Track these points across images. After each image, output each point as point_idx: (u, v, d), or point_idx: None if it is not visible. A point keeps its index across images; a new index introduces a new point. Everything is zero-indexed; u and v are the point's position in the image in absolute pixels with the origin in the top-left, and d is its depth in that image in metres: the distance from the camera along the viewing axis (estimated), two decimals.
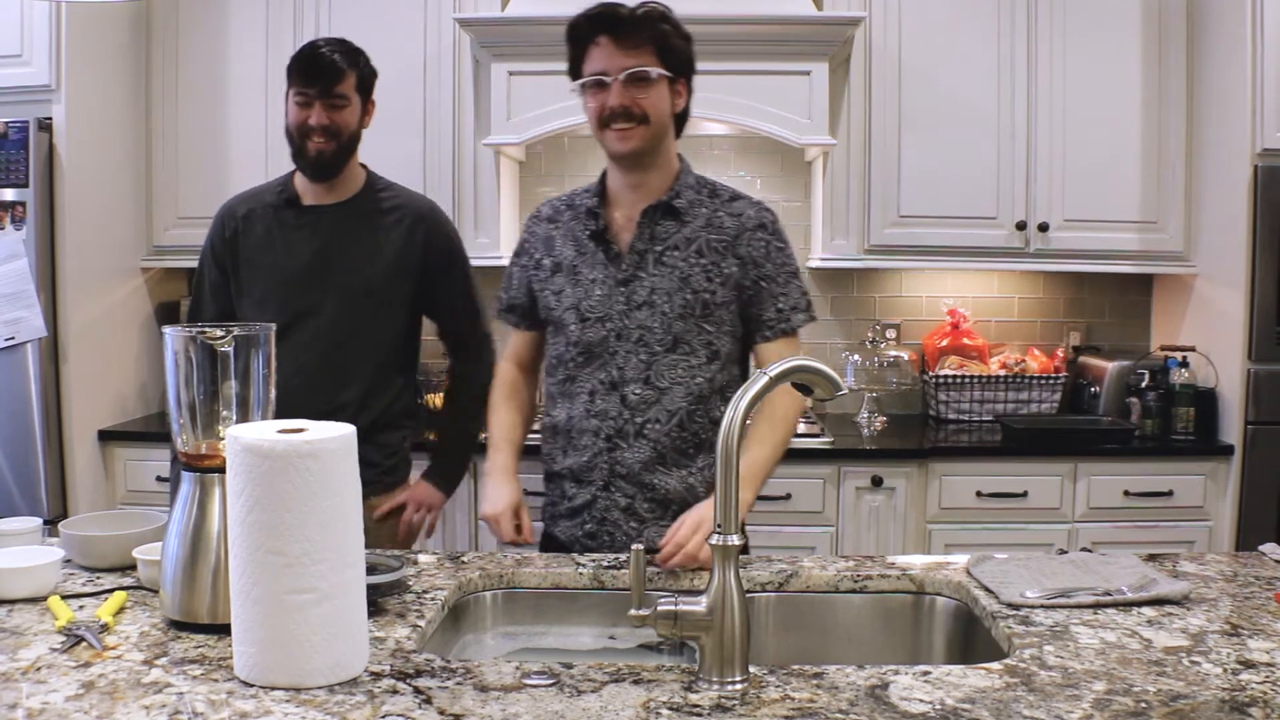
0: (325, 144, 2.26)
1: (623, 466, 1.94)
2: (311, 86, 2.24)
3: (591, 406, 1.95)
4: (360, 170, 2.41)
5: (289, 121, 2.29)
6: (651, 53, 1.89)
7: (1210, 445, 3.26)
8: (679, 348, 1.93)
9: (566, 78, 1.99)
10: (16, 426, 3.10)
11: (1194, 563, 1.81)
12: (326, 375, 2.31)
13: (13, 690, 1.23)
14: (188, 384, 1.45)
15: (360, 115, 2.33)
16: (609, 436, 1.94)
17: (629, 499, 1.95)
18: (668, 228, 1.95)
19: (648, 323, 1.92)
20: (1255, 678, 1.29)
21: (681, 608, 1.31)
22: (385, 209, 2.38)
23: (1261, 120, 3.13)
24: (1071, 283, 3.79)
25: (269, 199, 2.39)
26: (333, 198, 2.36)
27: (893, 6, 3.40)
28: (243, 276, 2.36)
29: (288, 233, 2.34)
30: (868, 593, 1.73)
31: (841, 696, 1.23)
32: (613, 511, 1.96)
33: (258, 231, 2.36)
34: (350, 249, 2.33)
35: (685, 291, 1.92)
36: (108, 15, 3.34)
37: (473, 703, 1.21)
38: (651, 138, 1.91)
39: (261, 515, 1.23)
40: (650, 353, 1.93)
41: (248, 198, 2.43)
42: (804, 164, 3.74)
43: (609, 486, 1.96)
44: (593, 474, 1.97)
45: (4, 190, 3.08)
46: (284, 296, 2.31)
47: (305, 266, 2.32)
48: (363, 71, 2.32)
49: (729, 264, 1.94)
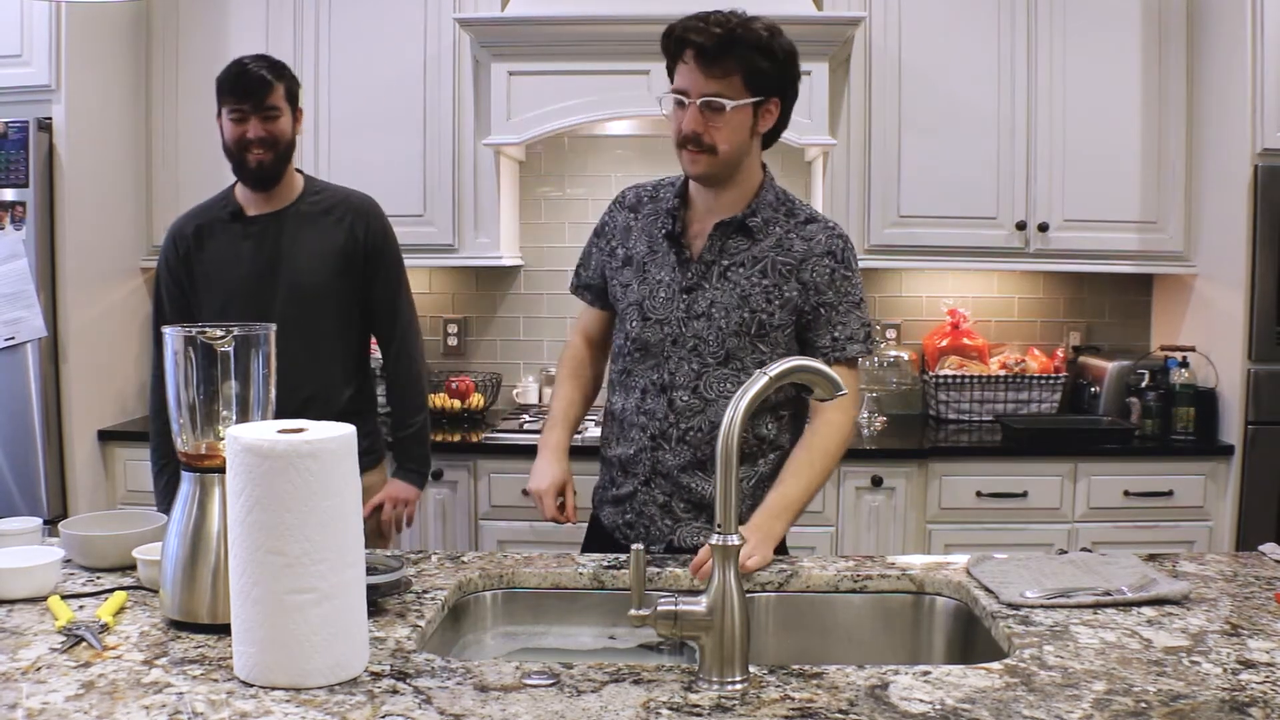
0: (264, 154, 2.38)
1: (663, 466, 1.96)
2: (245, 102, 2.36)
3: (642, 403, 1.98)
4: (297, 176, 2.52)
5: (227, 138, 2.40)
6: (738, 79, 1.82)
7: (1210, 445, 3.26)
8: (730, 362, 1.91)
9: (566, 78, 2.00)
10: (16, 426, 3.10)
11: (1194, 563, 1.81)
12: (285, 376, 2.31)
13: (13, 690, 1.23)
14: (188, 384, 1.45)
15: (292, 123, 2.44)
16: (653, 435, 1.96)
17: (667, 497, 1.97)
18: (739, 244, 1.93)
19: (703, 334, 1.92)
20: (1255, 678, 1.29)
21: (681, 608, 1.31)
22: (325, 209, 2.49)
23: (1261, 120, 3.13)
24: (1071, 283, 3.79)
25: (215, 214, 2.49)
26: (274, 205, 2.46)
27: (893, 6, 3.40)
28: (200, 291, 2.46)
29: (236, 244, 2.45)
30: (868, 593, 1.73)
31: (841, 696, 1.23)
32: (650, 507, 1.99)
33: (208, 247, 2.46)
34: (296, 253, 2.44)
35: (744, 309, 1.90)
36: (108, 15, 3.34)
37: (473, 703, 1.21)
38: (722, 166, 1.88)
39: (261, 515, 1.23)
40: (702, 363, 1.92)
41: (194, 215, 2.53)
42: (804, 164, 3.73)
43: (649, 483, 1.98)
44: (637, 467, 1.99)
45: (4, 190, 3.08)
46: (240, 305, 2.40)
47: (256, 274, 2.42)
48: (289, 83, 2.44)
49: (791, 287, 1.91)
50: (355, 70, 3.44)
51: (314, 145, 3.48)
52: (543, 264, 3.85)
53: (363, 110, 3.44)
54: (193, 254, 2.46)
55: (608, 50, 3.24)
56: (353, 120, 3.45)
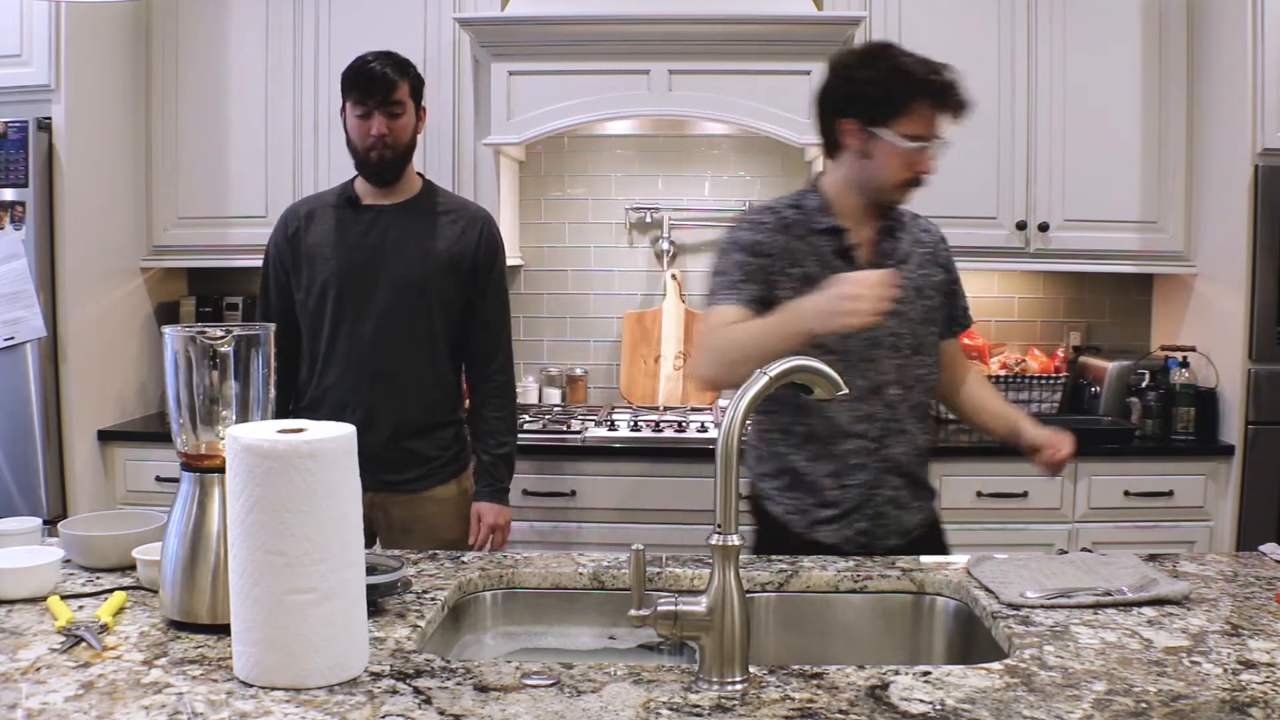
0: (386, 151, 2.40)
1: (893, 460, 2.05)
2: (370, 98, 2.38)
3: (855, 410, 2.03)
4: (417, 176, 2.54)
5: (351, 135, 2.43)
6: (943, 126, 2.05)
7: (1210, 445, 3.26)
8: (921, 350, 2.09)
9: (566, 78, 2.00)
10: (16, 426, 3.10)
11: (1194, 563, 1.81)
12: (377, 367, 2.43)
13: (12, 690, 1.23)
14: (188, 384, 1.45)
15: (415, 121, 2.47)
16: (877, 437, 2.03)
17: (895, 490, 2.06)
18: (892, 244, 2.09)
19: (898, 329, 2.03)
20: (1255, 678, 1.29)
21: (681, 608, 1.31)
22: (441, 210, 2.51)
23: (1261, 120, 3.13)
24: (1071, 283, 3.79)
25: (330, 200, 2.52)
26: (391, 198, 2.48)
27: (893, 6, 3.39)
28: (303, 271, 2.47)
29: (346, 228, 2.46)
30: (868, 593, 1.73)
31: (841, 696, 1.23)
32: (885, 506, 2.05)
33: (316, 229, 2.48)
34: (405, 245, 2.44)
35: (921, 300, 2.08)
36: (108, 15, 3.34)
37: (473, 703, 1.21)
38: None
39: (261, 515, 1.23)
40: (903, 357, 2.06)
41: (310, 200, 2.58)
42: (804, 164, 3.73)
43: (877, 485, 2.04)
44: (859, 474, 2.03)
45: (3, 190, 3.08)
46: (339, 289, 2.42)
47: (361, 260, 2.43)
48: (413, 81, 2.47)
49: (938, 272, 2.14)
50: None
51: (314, 145, 3.48)
52: (543, 264, 3.85)
53: None
54: (301, 233, 2.48)
55: (608, 50, 3.25)
56: None
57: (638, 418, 3.43)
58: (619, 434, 3.25)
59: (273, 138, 3.50)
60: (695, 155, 3.83)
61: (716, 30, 3.25)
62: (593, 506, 3.16)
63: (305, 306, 2.47)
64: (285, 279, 2.50)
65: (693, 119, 3.39)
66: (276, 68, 3.48)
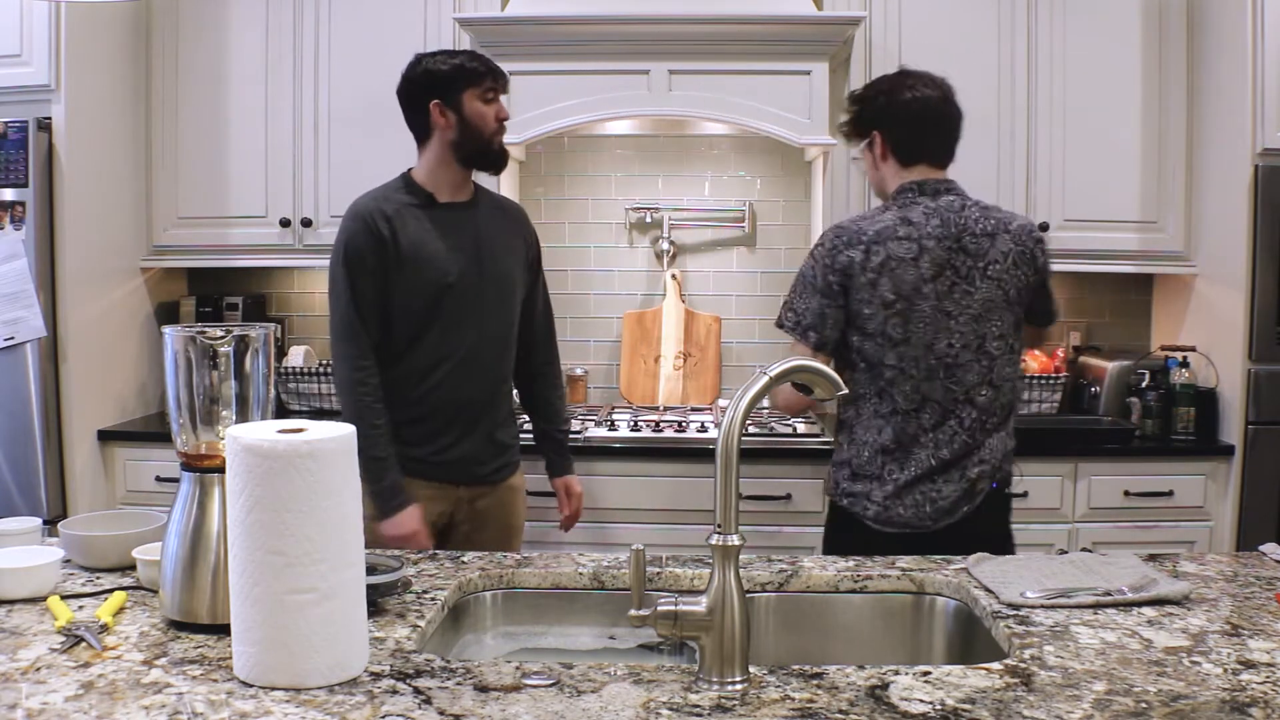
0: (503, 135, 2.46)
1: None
2: (500, 80, 2.44)
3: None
4: None
5: (480, 122, 2.39)
6: None
7: (1210, 445, 3.26)
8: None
9: (566, 78, 2.01)
10: (16, 426, 3.10)
11: (1194, 563, 1.81)
12: (488, 364, 2.48)
13: (12, 690, 1.23)
14: (188, 384, 1.45)
15: None
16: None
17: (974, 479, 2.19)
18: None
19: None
20: (1255, 678, 1.29)
21: (681, 608, 1.31)
22: (496, 205, 2.56)
23: (1261, 120, 3.13)
24: (1071, 282, 3.79)
25: (402, 199, 2.40)
26: (461, 195, 2.48)
27: (893, 6, 3.39)
28: (407, 273, 2.36)
29: (444, 229, 2.41)
30: (868, 593, 1.73)
31: (841, 696, 1.23)
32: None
33: (412, 229, 2.37)
34: (495, 242, 2.48)
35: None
36: (108, 15, 3.34)
37: (473, 703, 1.21)
38: None
39: (261, 515, 1.23)
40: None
41: (380, 199, 2.40)
42: (804, 164, 3.73)
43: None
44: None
45: (3, 190, 3.08)
46: (455, 290, 2.40)
47: (467, 261, 2.42)
48: None
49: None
50: (355, 70, 3.44)
51: (314, 145, 3.48)
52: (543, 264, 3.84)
53: (362, 110, 3.43)
54: (395, 234, 2.35)
55: (607, 50, 3.25)
56: (352, 120, 3.45)
57: (638, 418, 3.43)
58: (619, 434, 3.25)
59: (273, 138, 3.50)
60: (695, 155, 3.83)
61: (716, 30, 3.25)
62: (593, 506, 3.15)
63: (408, 308, 2.37)
64: (383, 281, 2.36)
65: (692, 119, 3.39)
66: (276, 68, 3.48)
